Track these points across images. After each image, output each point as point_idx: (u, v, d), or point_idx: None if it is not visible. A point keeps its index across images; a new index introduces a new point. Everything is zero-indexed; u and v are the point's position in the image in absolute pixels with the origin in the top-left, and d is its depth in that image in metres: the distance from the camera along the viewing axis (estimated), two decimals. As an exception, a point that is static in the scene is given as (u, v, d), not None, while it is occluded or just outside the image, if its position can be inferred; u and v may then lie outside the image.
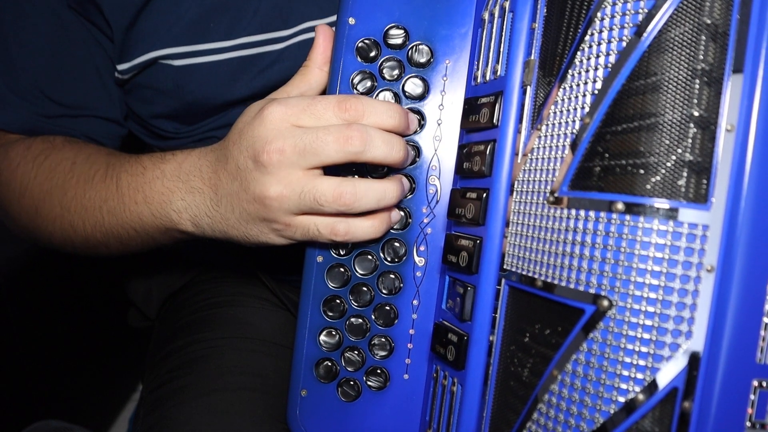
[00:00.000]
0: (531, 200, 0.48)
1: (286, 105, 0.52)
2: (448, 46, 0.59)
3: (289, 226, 0.54)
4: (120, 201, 0.64)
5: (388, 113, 0.53)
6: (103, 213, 0.65)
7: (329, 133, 0.51)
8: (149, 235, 0.64)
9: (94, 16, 0.69)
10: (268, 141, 0.51)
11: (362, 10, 0.58)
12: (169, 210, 0.60)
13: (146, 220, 0.62)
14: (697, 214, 0.40)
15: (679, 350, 0.40)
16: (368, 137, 0.51)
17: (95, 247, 0.69)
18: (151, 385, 0.73)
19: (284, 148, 0.51)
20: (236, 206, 0.55)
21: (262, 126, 0.52)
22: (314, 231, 0.55)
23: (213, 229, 0.59)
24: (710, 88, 0.40)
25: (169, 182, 0.60)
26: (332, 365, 0.60)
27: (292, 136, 0.51)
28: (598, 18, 0.44)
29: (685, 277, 0.40)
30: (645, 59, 0.41)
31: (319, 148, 0.51)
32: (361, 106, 0.52)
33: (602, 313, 0.41)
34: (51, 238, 0.71)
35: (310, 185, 0.52)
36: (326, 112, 0.52)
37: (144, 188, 0.62)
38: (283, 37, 0.70)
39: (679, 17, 0.40)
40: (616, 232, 0.41)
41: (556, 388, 0.44)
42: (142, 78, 0.71)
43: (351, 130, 0.51)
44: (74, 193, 0.67)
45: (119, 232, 0.65)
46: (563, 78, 0.46)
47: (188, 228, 0.60)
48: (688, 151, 0.40)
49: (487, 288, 0.51)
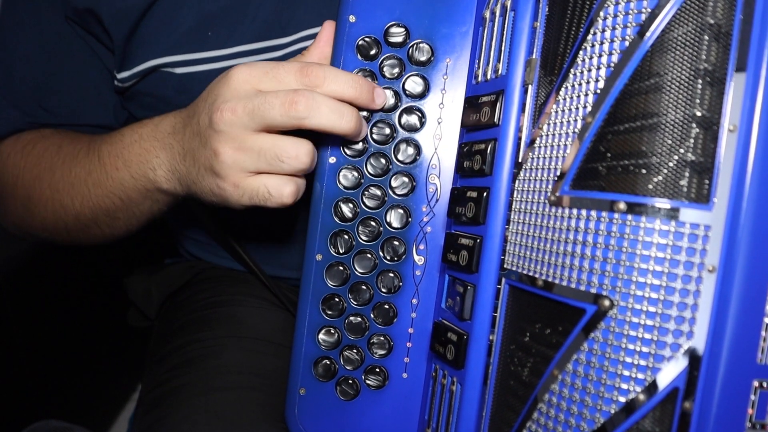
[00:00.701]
0: (532, 199, 0.48)
1: (251, 67, 0.54)
2: (448, 45, 0.58)
3: (237, 186, 0.55)
4: (103, 170, 0.65)
5: (349, 83, 0.54)
6: (88, 185, 0.67)
7: (277, 97, 0.52)
8: (133, 201, 0.65)
9: (93, 26, 0.70)
10: (225, 100, 0.53)
11: (363, 8, 0.58)
12: (146, 169, 0.62)
13: (127, 184, 0.64)
14: (699, 215, 0.40)
15: (680, 350, 0.40)
16: (314, 103, 0.52)
17: (87, 227, 0.70)
18: (150, 385, 0.73)
19: (236, 108, 0.52)
20: (196, 161, 0.57)
21: (225, 86, 0.54)
22: (264, 192, 0.55)
23: (182, 184, 0.61)
24: (713, 88, 0.40)
25: (146, 143, 0.62)
26: (331, 364, 0.60)
27: (246, 97, 0.53)
28: (600, 17, 0.43)
29: (686, 278, 0.40)
30: (647, 59, 0.41)
31: (265, 111, 0.52)
32: (322, 73, 0.53)
33: (603, 313, 0.41)
34: (45, 224, 0.72)
35: (256, 143, 0.54)
36: (287, 75, 0.53)
37: (123, 153, 0.63)
38: (282, 44, 0.71)
39: (681, 17, 0.40)
40: (618, 231, 0.41)
41: (556, 387, 0.44)
42: (142, 86, 0.72)
43: (297, 95, 0.51)
44: (61, 172, 0.68)
45: (105, 203, 0.67)
46: (565, 77, 0.46)
47: (163, 184, 0.62)
48: (691, 151, 0.40)
49: (487, 287, 0.51)
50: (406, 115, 0.59)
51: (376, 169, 0.59)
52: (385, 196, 0.59)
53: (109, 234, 0.71)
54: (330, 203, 0.59)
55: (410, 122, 0.59)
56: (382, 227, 0.59)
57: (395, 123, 0.59)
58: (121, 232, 0.71)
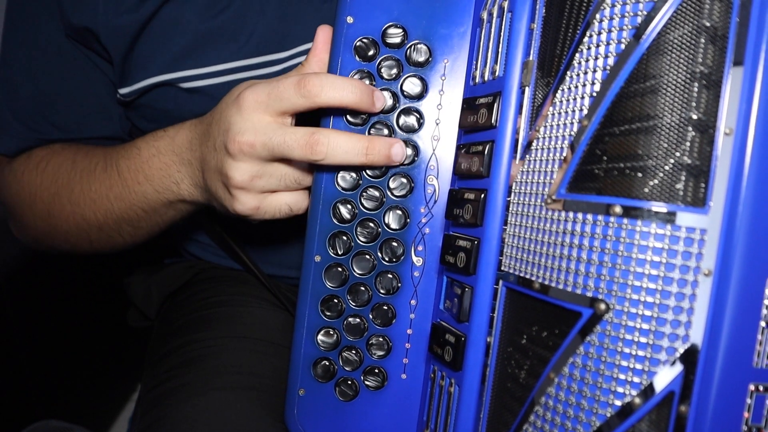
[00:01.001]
0: (529, 202, 0.48)
1: (255, 91, 0.55)
2: (446, 46, 0.58)
3: (258, 208, 0.59)
4: (124, 185, 0.67)
5: (347, 89, 0.54)
6: (110, 200, 0.69)
7: (295, 139, 0.54)
8: (157, 212, 0.68)
9: (92, 43, 0.71)
10: (240, 132, 0.55)
11: (360, 9, 0.58)
12: (169, 183, 0.65)
13: (151, 197, 0.66)
14: (695, 218, 0.39)
15: (676, 354, 0.40)
16: (330, 147, 0.54)
17: (110, 237, 0.72)
18: (150, 385, 0.73)
19: (254, 144, 0.55)
20: (214, 180, 0.60)
21: (236, 114, 0.56)
22: (286, 209, 0.60)
23: (203, 197, 0.64)
24: (709, 91, 0.40)
25: (165, 157, 0.64)
26: (330, 365, 0.60)
27: (263, 133, 0.55)
28: (596, 20, 0.43)
29: (682, 281, 0.39)
30: (643, 62, 0.41)
31: (284, 151, 0.55)
32: (319, 82, 0.54)
33: (599, 317, 0.41)
34: (68, 237, 0.74)
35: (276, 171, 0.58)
36: (287, 90, 0.54)
37: (143, 168, 0.66)
38: (280, 59, 0.71)
39: (678, 20, 0.40)
40: (614, 235, 0.41)
41: (552, 390, 0.44)
42: (144, 99, 0.73)
43: (314, 141, 0.54)
44: (80, 188, 0.70)
45: (129, 215, 0.69)
46: (562, 79, 0.46)
47: (187, 197, 0.65)
48: (687, 155, 0.40)
49: (485, 289, 0.51)
50: (404, 116, 0.59)
51: (374, 171, 0.59)
52: (383, 198, 0.59)
53: (131, 241, 0.73)
54: (328, 204, 0.59)
55: (408, 123, 0.59)
56: (381, 228, 0.59)
57: (393, 124, 0.59)
58: (143, 239, 0.74)
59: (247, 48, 0.69)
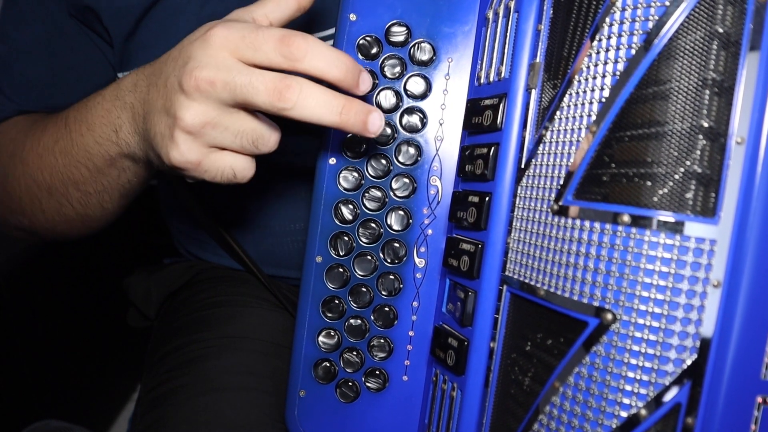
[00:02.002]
0: (534, 207, 0.47)
1: (229, 29, 0.48)
2: (450, 44, 0.57)
3: (199, 163, 0.51)
4: (69, 137, 0.62)
5: (334, 61, 0.48)
6: (56, 154, 0.64)
7: (263, 81, 0.47)
8: (100, 171, 0.62)
9: (94, 23, 0.69)
10: (200, 66, 0.48)
11: (364, 6, 0.57)
12: (108, 132, 0.58)
13: (92, 150, 0.60)
14: (705, 228, 0.39)
15: (683, 365, 0.39)
16: (301, 96, 0.47)
17: (60, 205, 0.67)
18: (150, 385, 0.72)
19: (214, 80, 0.48)
20: (156, 123, 0.52)
21: (200, 48, 0.49)
22: (229, 173, 0.53)
23: (141, 147, 0.57)
24: (721, 98, 0.39)
25: (107, 103, 0.58)
26: (331, 366, 0.60)
27: (226, 69, 0.48)
28: (606, 24, 0.42)
29: (690, 292, 0.39)
30: (654, 68, 0.40)
31: (248, 93, 0.47)
32: (305, 45, 0.47)
33: (606, 327, 0.41)
34: (22, 206, 0.69)
35: (234, 122, 0.50)
36: (266, 43, 0.47)
37: (87, 116, 0.60)
38: None
39: (690, 25, 0.39)
40: (622, 244, 0.40)
41: (557, 400, 0.43)
42: None
43: (285, 86, 0.47)
44: (30, 144, 0.66)
45: (74, 174, 0.63)
46: (569, 83, 0.45)
47: (125, 147, 0.58)
48: (697, 164, 0.39)
49: (488, 294, 0.51)
50: (407, 115, 0.58)
51: (376, 171, 0.58)
52: (385, 198, 0.58)
53: (83, 214, 0.67)
54: (330, 205, 0.58)
55: (411, 123, 0.58)
56: (383, 229, 0.59)
57: (396, 123, 0.58)
58: (96, 212, 0.67)
59: None
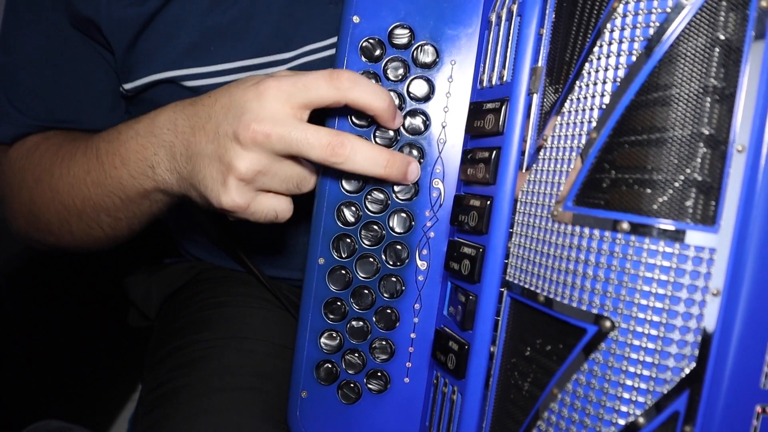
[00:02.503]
0: (535, 212, 0.47)
1: (278, 79, 0.52)
2: (454, 47, 0.57)
3: (247, 206, 0.55)
4: (101, 169, 0.64)
5: (377, 94, 0.53)
6: (88, 185, 0.65)
7: (318, 138, 0.52)
8: (133, 201, 0.64)
9: (95, 34, 0.69)
10: (257, 119, 0.51)
11: (367, 9, 0.57)
12: (144, 167, 0.60)
13: (126, 183, 0.62)
14: (705, 237, 0.39)
15: (681, 374, 0.39)
16: (352, 153, 0.52)
17: (90, 228, 0.69)
18: (150, 385, 0.73)
19: (270, 134, 0.51)
20: (206, 167, 0.55)
21: (257, 100, 0.52)
22: (272, 215, 0.56)
23: (179, 186, 0.59)
24: (722, 105, 0.39)
25: (142, 139, 0.60)
26: (333, 367, 0.60)
27: (283, 125, 0.51)
28: (607, 29, 0.42)
29: (689, 301, 0.39)
30: (655, 75, 0.40)
31: (303, 149, 0.52)
32: (352, 77, 0.52)
33: (604, 335, 0.41)
34: (50, 227, 0.71)
35: (282, 169, 0.54)
36: (318, 80, 0.52)
37: (120, 150, 0.62)
38: (285, 59, 0.70)
39: (691, 32, 0.39)
40: (621, 252, 0.40)
41: (556, 406, 0.43)
42: (146, 95, 0.72)
43: (338, 144, 0.52)
44: (60, 172, 0.67)
45: (107, 203, 0.65)
46: (570, 89, 0.45)
47: (161, 184, 0.60)
48: (697, 171, 0.39)
49: (489, 299, 0.51)
50: (410, 117, 0.58)
51: (379, 173, 0.58)
52: (388, 201, 0.58)
53: (113, 236, 0.70)
54: (332, 207, 0.59)
55: (414, 125, 0.58)
56: (385, 231, 0.59)
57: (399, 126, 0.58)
58: (124, 234, 0.70)
59: (251, 47, 0.68)
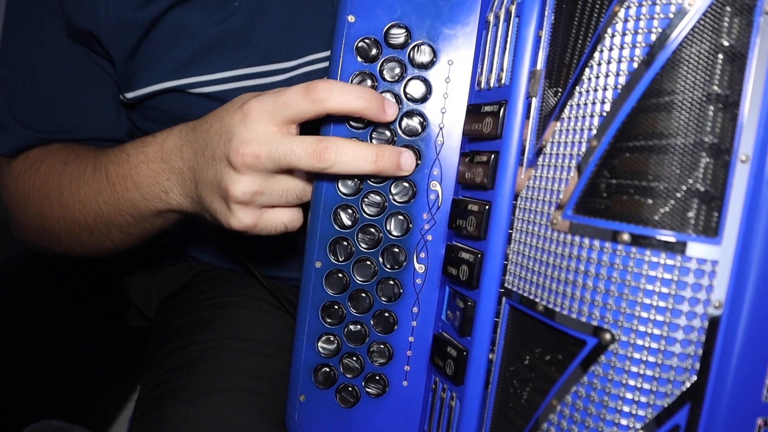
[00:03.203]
0: (534, 219, 0.46)
1: (260, 100, 0.54)
2: (451, 47, 0.56)
3: (255, 225, 0.57)
4: (113, 191, 0.66)
5: (355, 93, 0.53)
6: (99, 204, 0.67)
7: (303, 147, 0.53)
8: (145, 219, 0.66)
9: (94, 46, 0.69)
10: (244, 143, 0.53)
11: (362, 8, 0.55)
12: (158, 191, 0.62)
13: (140, 204, 0.64)
14: (707, 249, 0.38)
15: (682, 387, 0.38)
16: (338, 154, 0.53)
17: (100, 241, 0.71)
18: (149, 385, 0.73)
19: (259, 155, 0.53)
20: (210, 193, 0.57)
21: (242, 124, 0.53)
22: (281, 227, 0.58)
23: (194, 208, 0.61)
24: (725, 114, 0.38)
25: (153, 164, 0.62)
26: (331, 371, 0.60)
27: (269, 143, 0.53)
28: (608, 34, 0.41)
29: (691, 314, 0.38)
30: (657, 82, 0.39)
31: (291, 160, 0.53)
32: (328, 87, 0.52)
33: (604, 347, 0.40)
34: (59, 239, 0.73)
35: (278, 184, 0.56)
36: (294, 97, 0.53)
37: (132, 174, 0.64)
38: (287, 68, 0.70)
39: (694, 38, 0.38)
40: (621, 264, 0.39)
41: (555, 418, 0.43)
42: (149, 102, 0.72)
43: (322, 148, 0.52)
44: (69, 191, 0.69)
45: (119, 220, 0.67)
46: (570, 94, 0.44)
47: (176, 206, 0.63)
48: (700, 181, 0.38)
49: (488, 305, 0.50)
50: (406, 119, 0.57)
51: (376, 176, 0.57)
52: (385, 203, 0.58)
53: (122, 246, 0.72)
54: (329, 210, 0.58)
55: (411, 127, 0.57)
56: (382, 234, 0.58)
57: (396, 127, 0.57)
58: (133, 244, 0.72)
59: (253, 56, 0.68)
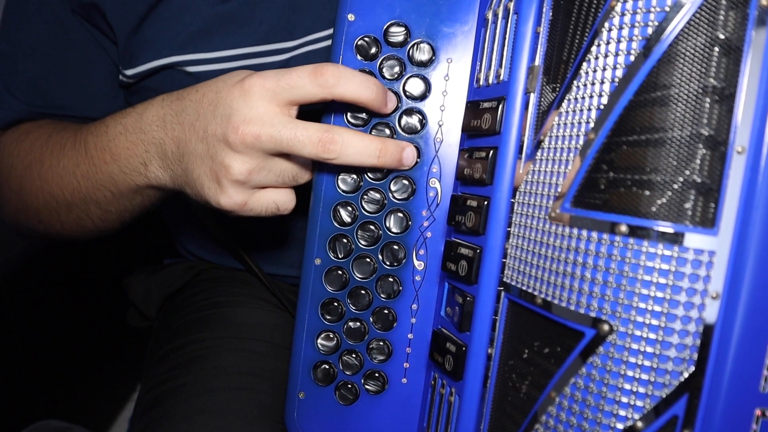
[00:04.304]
0: (533, 213, 0.46)
1: (263, 78, 0.52)
2: (450, 45, 0.56)
3: (245, 203, 0.55)
4: (91, 163, 0.63)
5: (364, 85, 0.52)
6: (77, 178, 0.65)
7: (308, 135, 0.51)
8: (124, 195, 0.63)
9: (98, 20, 0.69)
10: (245, 121, 0.51)
11: (362, 6, 0.56)
12: (136, 164, 0.60)
13: (117, 178, 0.62)
14: (704, 240, 0.38)
15: (680, 378, 0.39)
16: (343, 147, 0.52)
17: (79, 219, 0.68)
18: (149, 385, 0.73)
19: (260, 135, 0.51)
20: (198, 167, 0.55)
21: (242, 100, 0.51)
22: (273, 208, 0.56)
23: (174, 182, 0.58)
24: (721, 106, 0.38)
25: (132, 136, 0.59)
26: (330, 368, 0.60)
27: (272, 125, 0.51)
28: (605, 29, 0.41)
29: (688, 304, 0.38)
30: (653, 75, 0.39)
31: (294, 147, 0.51)
32: (337, 72, 0.51)
33: (602, 338, 0.40)
34: (39, 215, 0.70)
35: (276, 165, 0.54)
36: (301, 78, 0.51)
37: (110, 146, 0.61)
38: (289, 48, 0.70)
39: (690, 31, 0.38)
40: (619, 255, 0.40)
41: (554, 410, 0.43)
42: (147, 82, 0.71)
43: (328, 139, 0.51)
44: (49, 163, 0.67)
45: (97, 195, 0.65)
46: (568, 89, 0.44)
47: (154, 180, 0.60)
48: (696, 173, 0.38)
49: (487, 300, 0.50)
50: (406, 116, 0.57)
51: (375, 173, 0.58)
52: (384, 200, 0.58)
53: (103, 227, 0.69)
54: (329, 207, 0.58)
55: (410, 124, 0.57)
56: (382, 232, 0.58)
57: (395, 125, 0.57)
58: (114, 226, 0.69)
59: (256, 35, 0.68)
